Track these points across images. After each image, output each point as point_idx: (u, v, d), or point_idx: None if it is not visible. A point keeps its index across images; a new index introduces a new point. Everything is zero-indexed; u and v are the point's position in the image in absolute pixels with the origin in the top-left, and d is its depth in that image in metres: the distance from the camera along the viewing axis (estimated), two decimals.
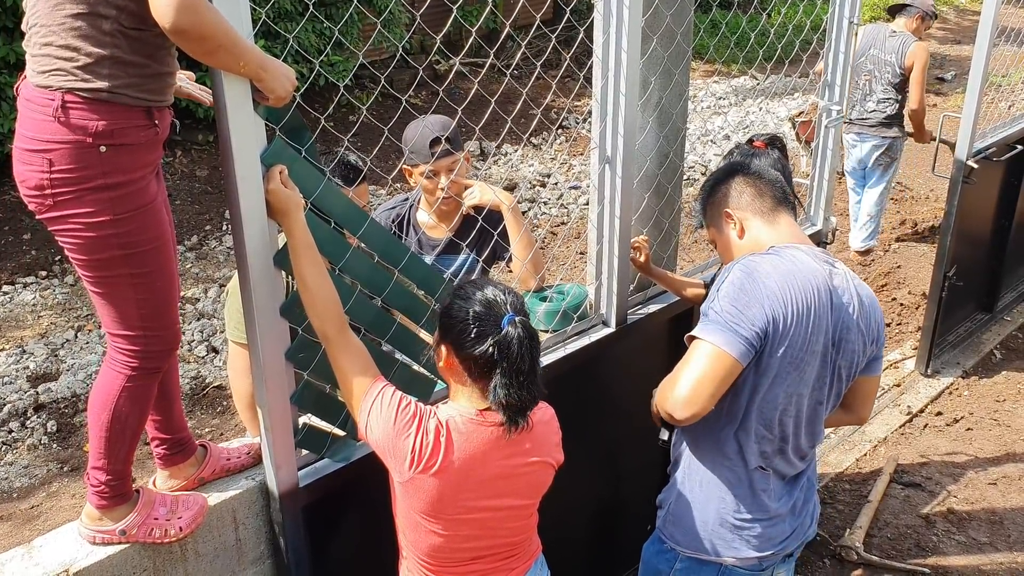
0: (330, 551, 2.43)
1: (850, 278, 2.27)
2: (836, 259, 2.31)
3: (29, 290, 6.14)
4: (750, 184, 2.32)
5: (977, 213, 5.10)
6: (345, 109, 8.89)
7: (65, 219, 1.87)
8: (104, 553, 2.09)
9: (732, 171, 2.36)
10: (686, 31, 2.99)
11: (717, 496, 2.30)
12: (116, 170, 1.85)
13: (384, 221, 3.24)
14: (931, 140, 5.93)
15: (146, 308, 1.99)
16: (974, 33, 4.54)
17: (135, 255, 1.93)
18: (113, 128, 1.82)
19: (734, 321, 2.08)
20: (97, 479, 2.10)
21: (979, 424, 4.70)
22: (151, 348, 2.03)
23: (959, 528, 3.97)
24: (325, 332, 2.01)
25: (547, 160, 8.65)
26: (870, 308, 2.27)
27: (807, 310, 2.11)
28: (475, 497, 2.00)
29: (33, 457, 4.62)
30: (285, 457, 2.22)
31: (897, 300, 6.05)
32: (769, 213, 2.29)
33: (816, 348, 2.16)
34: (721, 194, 2.35)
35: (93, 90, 1.80)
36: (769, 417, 2.20)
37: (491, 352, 1.90)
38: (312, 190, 2.07)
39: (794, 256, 2.18)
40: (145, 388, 2.07)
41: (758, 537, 2.30)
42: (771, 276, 2.11)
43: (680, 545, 2.35)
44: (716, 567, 2.32)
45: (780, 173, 2.42)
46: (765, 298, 2.09)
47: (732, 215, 2.32)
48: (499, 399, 1.92)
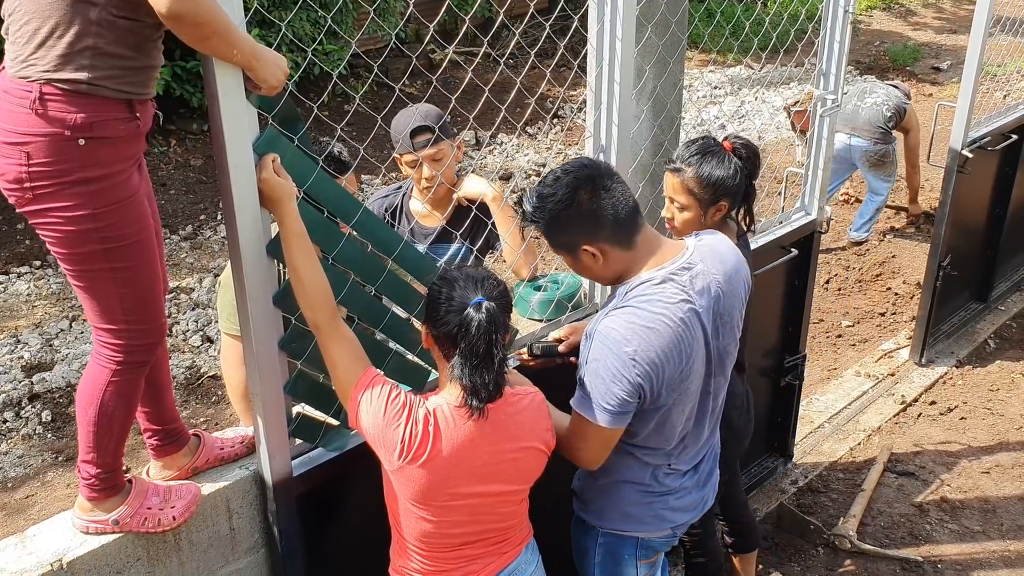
0: (324, 540, 2.43)
1: (710, 259, 2.23)
2: (694, 248, 2.24)
3: (23, 280, 6.12)
4: (600, 209, 2.12)
5: (972, 202, 5.10)
6: (340, 98, 8.85)
7: (44, 212, 1.85)
8: (98, 543, 2.09)
9: (575, 192, 2.12)
10: (681, 19, 2.98)
11: (625, 485, 2.36)
12: (95, 163, 1.83)
13: (377, 210, 3.24)
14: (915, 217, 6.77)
15: (128, 302, 1.98)
16: (970, 22, 4.53)
17: (115, 249, 1.91)
18: (92, 121, 1.80)
19: (602, 400, 2.13)
20: (87, 472, 2.09)
21: (973, 413, 4.72)
22: (135, 342, 2.02)
23: (952, 517, 3.99)
24: (316, 322, 2.01)
25: (543, 150, 8.63)
26: (735, 271, 2.28)
27: (675, 351, 2.12)
28: (464, 484, 2.01)
29: (28, 447, 4.61)
30: (279, 446, 2.22)
31: (892, 289, 6.06)
32: (626, 237, 2.16)
33: (695, 366, 2.20)
34: (572, 224, 2.14)
35: (72, 81, 1.77)
36: (667, 435, 2.28)
37: (453, 332, 1.94)
38: (305, 179, 2.07)
39: (650, 299, 2.12)
40: (131, 382, 2.07)
41: (669, 510, 2.38)
42: (630, 341, 2.09)
43: (599, 523, 2.43)
44: (634, 540, 2.41)
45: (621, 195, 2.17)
46: (628, 367, 2.09)
47: (589, 249, 2.16)
48: (455, 377, 1.95)
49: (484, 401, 1.96)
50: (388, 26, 8.90)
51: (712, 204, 2.68)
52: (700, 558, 3.17)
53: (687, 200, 2.68)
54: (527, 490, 2.18)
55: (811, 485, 4.19)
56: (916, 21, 13.32)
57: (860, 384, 5.00)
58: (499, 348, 1.95)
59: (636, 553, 2.41)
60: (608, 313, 2.15)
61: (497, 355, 1.94)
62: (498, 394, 1.99)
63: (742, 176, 2.69)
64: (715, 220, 2.73)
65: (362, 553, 2.35)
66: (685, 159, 2.68)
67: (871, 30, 12.52)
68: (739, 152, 2.71)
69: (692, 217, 2.69)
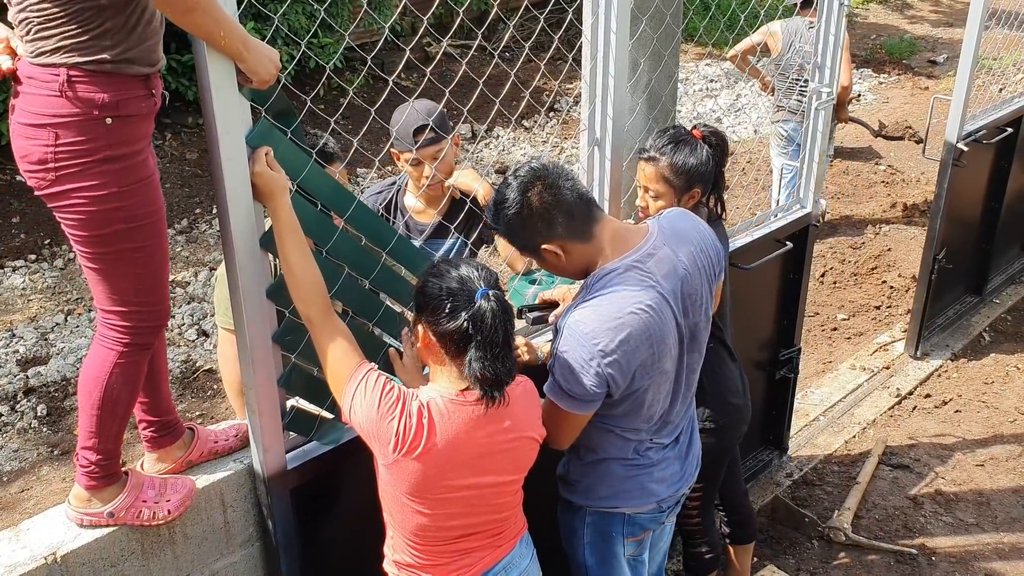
0: (318, 533, 2.43)
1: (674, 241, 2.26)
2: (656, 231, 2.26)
3: (18, 274, 6.11)
4: (552, 208, 2.16)
5: (967, 196, 5.10)
6: (336, 91, 8.83)
7: (67, 194, 1.86)
8: (92, 536, 2.09)
9: (524, 195, 2.16)
10: (676, 12, 2.98)
11: (610, 462, 2.40)
12: (120, 142, 1.86)
13: (371, 205, 3.23)
14: (847, 121, 6.50)
15: (142, 282, 2.00)
16: (966, 16, 4.53)
17: (137, 228, 1.93)
18: (118, 100, 1.84)
19: (571, 391, 2.18)
20: (87, 459, 2.10)
21: (967, 406, 4.73)
22: (143, 323, 2.03)
23: (947, 509, 4.00)
24: (309, 316, 2.01)
25: (538, 143, 8.63)
26: (699, 250, 2.31)
27: (644, 338, 2.16)
28: (459, 476, 2.01)
29: (23, 441, 4.61)
30: (273, 440, 2.22)
31: (887, 283, 6.07)
32: (583, 231, 2.19)
33: (667, 349, 2.24)
34: (528, 227, 2.18)
35: (97, 62, 1.80)
36: (646, 414, 2.32)
37: (465, 326, 1.92)
38: (298, 172, 2.06)
39: (615, 289, 2.16)
40: (136, 364, 2.07)
41: (654, 482, 2.41)
42: (597, 333, 2.12)
43: (587, 502, 2.46)
44: (621, 516, 2.44)
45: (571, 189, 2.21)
46: (595, 359, 2.13)
47: (549, 248, 2.20)
48: (475, 373, 1.94)
49: (501, 389, 1.97)
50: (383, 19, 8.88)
51: (686, 191, 2.78)
52: (700, 547, 3.18)
53: (662, 188, 2.77)
54: (521, 480, 2.18)
55: (806, 478, 4.20)
56: (913, 14, 13.32)
57: (855, 377, 5.01)
58: (512, 334, 1.97)
59: (623, 531, 2.45)
60: (576, 306, 2.19)
61: (512, 340, 1.97)
62: (510, 380, 2.00)
63: (713, 163, 2.78)
64: (688, 207, 2.78)
65: (357, 546, 2.35)
66: (659, 148, 2.76)
67: (867, 23, 12.51)
68: (709, 140, 2.80)
69: (666, 205, 2.75)
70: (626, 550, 2.48)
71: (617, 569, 2.50)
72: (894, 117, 9.33)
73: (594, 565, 2.50)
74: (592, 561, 2.50)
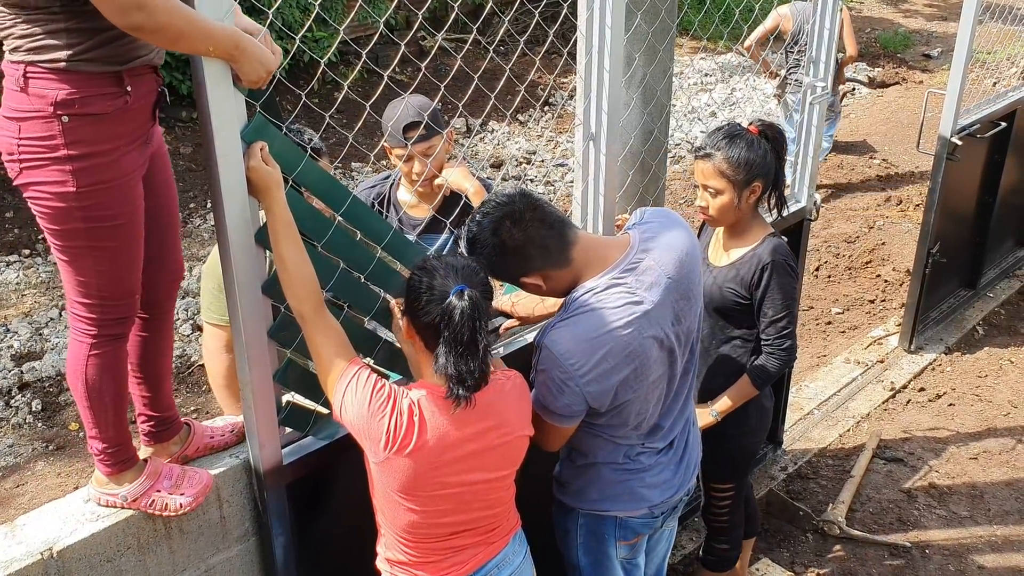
0: (314, 528, 2.44)
1: (658, 250, 2.25)
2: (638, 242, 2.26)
3: (12, 269, 6.10)
4: (525, 245, 2.16)
5: (961, 190, 5.11)
6: (330, 85, 8.82)
7: (31, 187, 1.87)
8: (88, 531, 2.09)
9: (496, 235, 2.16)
10: (671, 7, 2.98)
11: (601, 466, 2.40)
12: (79, 141, 1.83)
13: (365, 199, 3.23)
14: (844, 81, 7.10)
15: (104, 279, 1.99)
16: (960, 9, 4.53)
17: (97, 229, 1.91)
18: (75, 98, 1.81)
19: (550, 406, 2.20)
20: (96, 448, 2.12)
21: (961, 400, 4.75)
22: (107, 316, 2.02)
23: (940, 502, 4.01)
24: (302, 312, 2.01)
25: (533, 137, 8.62)
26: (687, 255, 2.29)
27: (623, 356, 2.16)
28: (450, 473, 2.02)
29: (18, 436, 4.60)
30: (269, 435, 2.22)
31: (881, 277, 6.08)
32: (559, 259, 2.19)
33: (650, 362, 2.23)
34: (504, 264, 2.20)
35: (51, 60, 1.78)
36: (633, 423, 2.32)
37: (436, 321, 1.93)
38: (293, 167, 2.06)
39: (594, 308, 2.16)
40: (111, 354, 2.07)
41: (646, 487, 2.41)
42: (573, 354, 2.13)
43: (579, 504, 2.47)
44: (612, 519, 2.44)
45: None
46: (572, 379, 2.14)
47: (528, 281, 2.22)
48: (440, 368, 1.94)
49: (470, 390, 1.95)
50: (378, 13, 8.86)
51: (746, 186, 2.73)
52: (722, 543, 3.18)
53: (721, 184, 2.72)
54: (513, 475, 2.18)
55: (800, 471, 4.21)
56: (907, 8, 13.33)
57: (849, 371, 5.02)
58: (483, 335, 1.94)
59: (615, 533, 2.45)
60: (554, 325, 2.18)
61: (481, 342, 1.94)
62: (484, 382, 1.99)
63: (772, 156, 2.73)
64: (750, 203, 2.77)
65: (353, 541, 2.36)
66: (713, 144, 2.72)
67: (862, 17, 12.52)
68: (765, 134, 2.74)
69: (727, 202, 2.73)
70: (619, 552, 2.48)
71: (610, 570, 2.50)
72: (889, 111, 9.35)
73: (587, 566, 2.51)
74: (585, 562, 2.51)
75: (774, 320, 2.82)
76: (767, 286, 2.79)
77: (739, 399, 2.91)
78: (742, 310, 2.89)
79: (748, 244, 2.85)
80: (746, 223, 2.84)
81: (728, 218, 2.79)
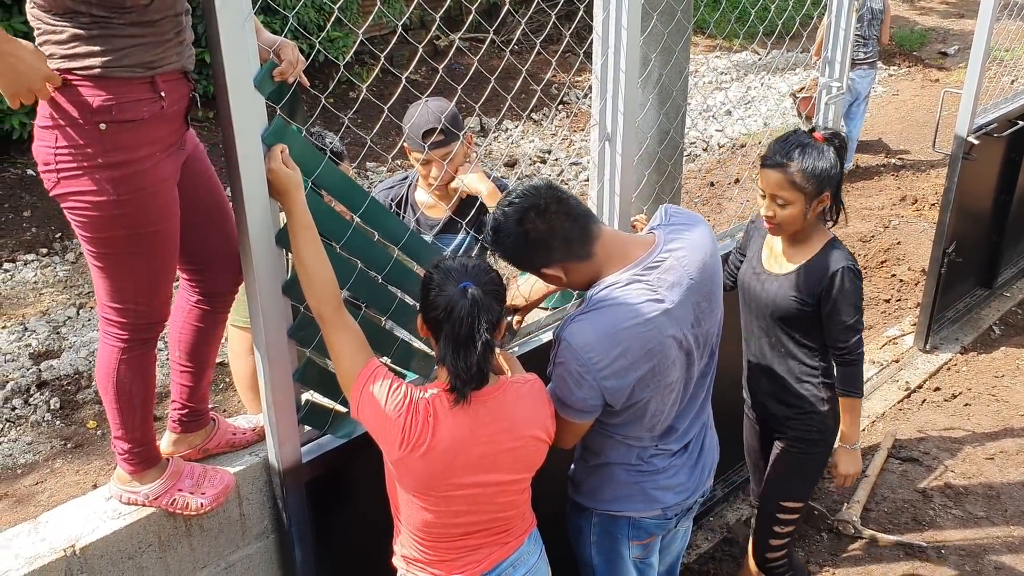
0: (333, 526, 2.46)
1: (683, 250, 2.25)
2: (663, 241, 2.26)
3: (30, 267, 6.15)
4: (547, 235, 2.17)
5: (977, 189, 5.09)
6: (345, 86, 8.85)
7: (69, 196, 1.87)
8: (110, 528, 2.12)
9: (521, 224, 2.17)
10: (686, 8, 2.98)
11: (614, 467, 2.40)
12: (117, 148, 1.84)
13: (383, 200, 3.25)
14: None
15: (141, 285, 2.01)
16: (977, 6, 4.52)
17: (136, 236, 1.93)
18: (112, 105, 1.81)
19: (567, 400, 2.20)
20: (121, 447, 2.14)
21: (977, 399, 4.73)
22: (140, 321, 2.04)
23: (956, 502, 4.00)
24: (321, 312, 2.03)
25: (548, 136, 8.63)
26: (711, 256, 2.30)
27: (642, 353, 2.15)
28: (464, 474, 2.03)
29: (36, 434, 4.65)
30: (288, 433, 2.24)
31: (896, 276, 6.07)
32: (581, 251, 2.19)
33: (669, 363, 2.22)
34: (527, 254, 2.21)
35: (86, 67, 1.79)
36: (648, 424, 2.31)
37: (439, 315, 1.97)
38: (313, 170, 2.08)
39: (614, 303, 2.16)
40: (142, 357, 2.09)
41: (659, 489, 2.41)
42: (592, 347, 2.12)
43: (592, 504, 2.47)
44: (626, 520, 2.44)
45: None
46: (590, 373, 2.13)
47: (548, 272, 2.23)
48: (440, 361, 1.98)
49: (466, 385, 1.96)
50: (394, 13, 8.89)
51: (816, 196, 2.68)
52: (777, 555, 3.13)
53: (792, 195, 2.67)
54: (528, 479, 2.19)
55: None
56: (923, 6, 13.26)
57: (864, 370, 5.00)
58: (481, 332, 1.95)
59: (628, 533, 2.45)
60: (574, 318, 2.18)
61: (479, 339, 1.95)
62: (482, 380, 1.99)
63: (839, 166, 2.69)
64: (817, 212, 2.73)
65: (370, 539, 2.38)
66: (785, 153, 2.66)
67: None
68: (832, 142, 2.69)
69: (797, 212, 2.69)
70: (632, 552, 2.49)
71: (623, 570, 2.51)
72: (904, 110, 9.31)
73: (600, 564, 2.52)
74: (598, 561, 2.51)
75: (850, 326, 2.78)
76: (840, 292, 2.74)
77: (855, 417, 2.92)
78: (806, 318, 2.82)
79: (810, 251, 2.80)
80: (809, 231, 2.80)
81: (794, 227, 2.75)
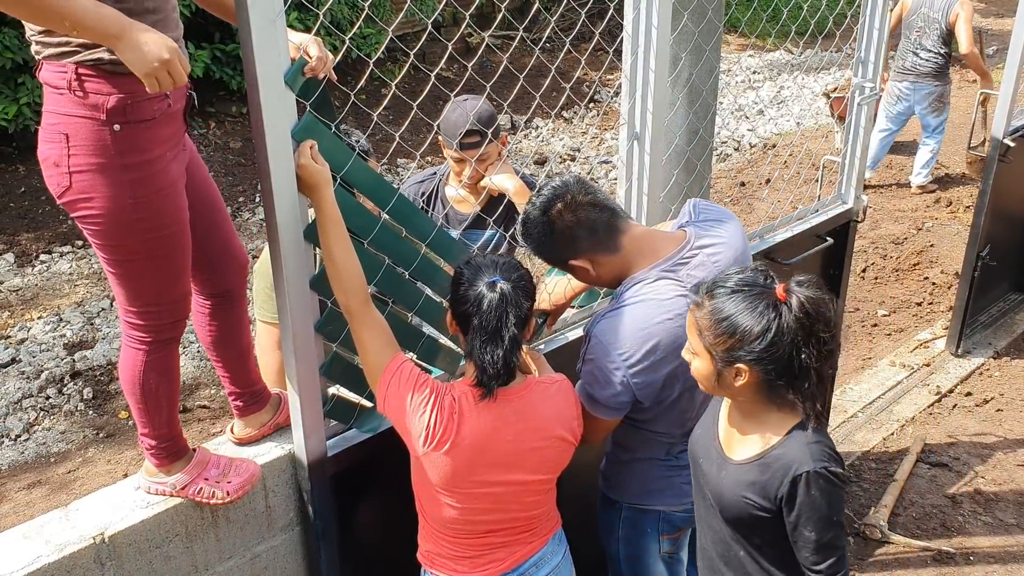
0: (357, 519, 2.48)
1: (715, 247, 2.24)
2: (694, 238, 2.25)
3: (65, 259, 6.24)
4: (574, 227, 2.18)
5: (1012, 192, 5.02)
6: (376, 82, 8.90)
7: (81, 204, 1.86)
8: (138, 517, 2.15)
9: (547, 214, 2.18)
10: (717, 7, 2.97)
11: (645, 461, 2.41)
12: (133, 150, 1.84)
13: (413, 195, 3.27)
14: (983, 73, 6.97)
15: (161, 286, 2.02)
16: (1016, 5, 4.45)
17: (153, 239, 1.94)
18: (125, 104, 1.81)
19: (597, 396, 2.20)
20: (147, 443, 2.17)
21: (1009, 405, 4.67)
22: (162, 321, 2.06)
23: (986, 509, 3.96)
24: (349, 306, 2.05)
25: (578, 134, 8.62)
26: (743, 254, 2.30)
27: (672, 348, 2.15)
28: (488, 472, 2.04)
29: (70, 423, 4.72)
30: (314, 427, 2.26)
31: (929, 279, 6.00)
32: (608, 244, 2.20)
33: None
34: (554, 245, 2.23)
35: (100, 60, 1.78)
36: (678, 419, 2.32)
37: (468, 310, 1.98)
38: (341, 165, 2.10)
39: (644, 299, 2.16)
40: (166, 358, 2.12)
41: (688, 484, 2.38)
42: (622, 343, 2.13)
43: (622, 498, 2.48)
44: (656, 514, 2.45)
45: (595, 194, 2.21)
46: (620, 369, 2.14)
47: (576, 264, 2.24)
48: (468, 356, 2.00)
49: (493, 380, 1.97)
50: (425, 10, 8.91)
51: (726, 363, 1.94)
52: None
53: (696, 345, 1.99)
54: (554, 479, 2.20)
55: None
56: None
57: (895, 374, 4.97)
58: (509, 327, 1.97)
59: (659, 528, 2.46)
60: (604, 315, 2.20)
61: (507, 333, 1.96)
62: (509, 376, 2.01)
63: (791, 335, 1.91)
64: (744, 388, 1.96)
65: (394, 533, 2.39)
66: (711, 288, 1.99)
67: None
68: (792, 300, 1.92)
69: (705, 372, 1.99)
70: (662, 547, 2.49)
71: (652, 565, 2.51)
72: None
73: (627, 559, 2.52)
74: (625, 554, 2.52)
75: (824, 544, 1.93)
76: (805, 502, 1.92)
77: None
78: (765, 524, 2.01)
79: (766, 438, 2.00)
80: (759, 409, 2.01)
81: (719, 394, 2.09)
